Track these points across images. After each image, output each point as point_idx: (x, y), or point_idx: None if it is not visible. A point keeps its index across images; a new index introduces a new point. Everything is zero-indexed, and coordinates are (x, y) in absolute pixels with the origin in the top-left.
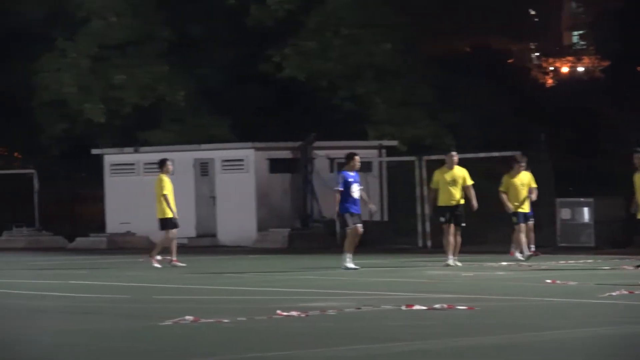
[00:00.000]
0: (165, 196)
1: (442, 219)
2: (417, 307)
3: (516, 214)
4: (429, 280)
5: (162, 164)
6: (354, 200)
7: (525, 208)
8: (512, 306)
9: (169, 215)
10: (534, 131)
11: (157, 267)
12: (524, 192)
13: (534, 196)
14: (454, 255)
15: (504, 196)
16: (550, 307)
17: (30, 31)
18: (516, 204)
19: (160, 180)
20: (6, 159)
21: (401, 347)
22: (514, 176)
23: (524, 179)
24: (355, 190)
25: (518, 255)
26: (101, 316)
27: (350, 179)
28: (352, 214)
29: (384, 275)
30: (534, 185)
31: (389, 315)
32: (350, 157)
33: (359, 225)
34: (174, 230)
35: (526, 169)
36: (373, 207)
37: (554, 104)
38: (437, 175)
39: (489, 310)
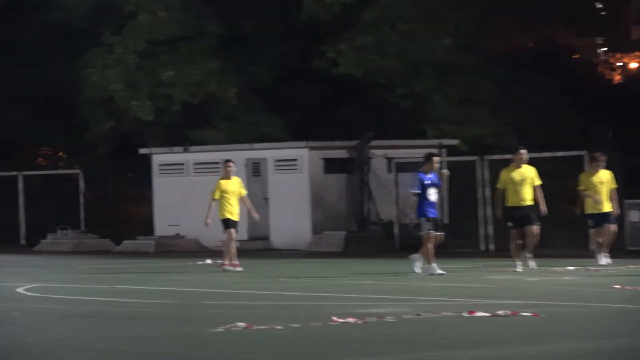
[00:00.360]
0: (211, 200)
1: (510, 224)
2: (479, 313)
3: (592, 216)
4: (491, 285)
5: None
6: (431, 204)
7: (606, 208)
8: (578, 312)
9: (227, 216)
10: (600, 129)
11: (238, 271)
12: (603, 191)
13: (615, 208)
14: (528, 254)
15: (586, 193)
16: (618, 314)
17: (76, 26)
18: (594, 204)
19: (215, 184)
20: (51, 159)
21: (462, 355)
22: (592, 175)
23: (603, 177)
24: (432, 193)
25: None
26: (149, 322)
27: (427, 181)
28: (428, 219)
29: (445, 280)
30: (613, 185)
31: (450, 321)
32: (428, 158)
33: (439, 234)
34: (233, 232)
35: (604, 168)
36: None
37: (621, 100)
38: (504, 174)
39: (555, 317)
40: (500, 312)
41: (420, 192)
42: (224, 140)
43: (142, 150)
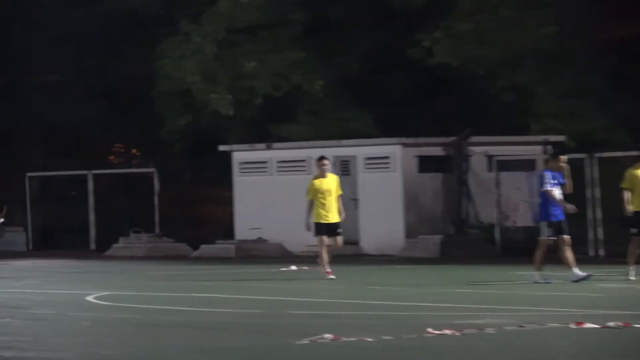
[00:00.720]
0: (308, 202)
1: (634, 230)
2: (587, 325)
3: None
4: (601, 294)
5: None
6: (555, 205)
7: None
8: None
9: (317, 220)
10: None
11: (332, 278)
12: None
13: None
14: None
15: None
16: None
17: (151, 13)
18: None
19: (308, 184)
20: (123, 156)
21: None
22: None
23: None
24: (557, 194)
25: None
26: (229, 332)
27: (553, 180)
28: (550, 223)
29: (550, 289)
30: None
31: (556, 334)
32: (554, 156)
33: (567, 237)
34: (326, 239)
35: None
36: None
37: None
38: (630, 173)
39: None
40: (611, 324)
41: (552, 188)
42: (310, 137)
43: (222, 147)
